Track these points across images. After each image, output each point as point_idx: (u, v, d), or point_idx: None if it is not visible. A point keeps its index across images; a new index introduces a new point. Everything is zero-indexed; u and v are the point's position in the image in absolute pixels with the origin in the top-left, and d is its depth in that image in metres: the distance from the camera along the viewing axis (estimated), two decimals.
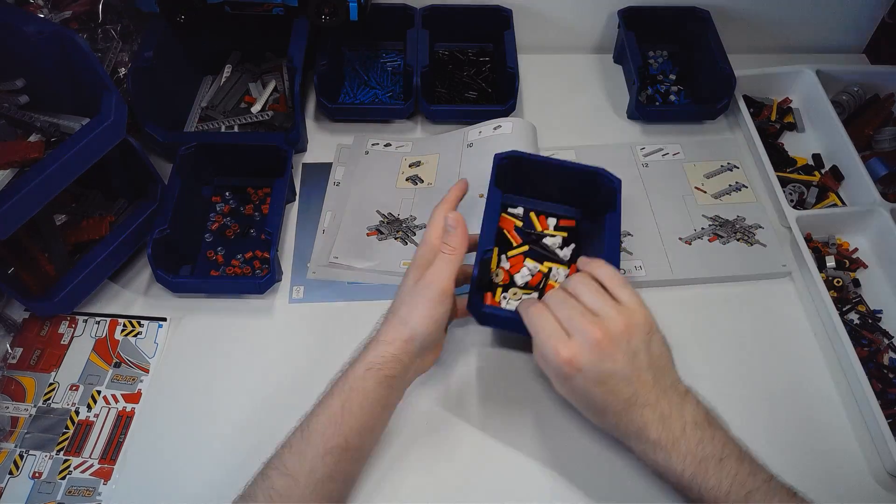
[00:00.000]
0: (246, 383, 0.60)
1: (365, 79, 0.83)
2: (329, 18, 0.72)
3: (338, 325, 0.64)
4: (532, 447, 0.56)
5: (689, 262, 0.67)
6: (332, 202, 0.73)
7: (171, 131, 0.72)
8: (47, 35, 0.56)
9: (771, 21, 0.87)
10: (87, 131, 0.55)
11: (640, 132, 0.80)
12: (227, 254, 0.68)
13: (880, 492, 0.55)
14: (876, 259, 0.69)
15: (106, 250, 0.62)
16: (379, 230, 0.70)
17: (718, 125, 0.81)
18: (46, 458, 0.56)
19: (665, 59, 0.87)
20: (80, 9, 0.70)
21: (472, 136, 0.75)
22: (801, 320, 0.65)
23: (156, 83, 0.71)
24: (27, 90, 0.61)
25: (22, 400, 0.59)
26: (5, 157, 0.56)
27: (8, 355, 0.61)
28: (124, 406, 0.59)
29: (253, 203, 0.72)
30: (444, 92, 0.82)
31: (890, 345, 0.64)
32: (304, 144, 0.77)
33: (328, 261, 0.67)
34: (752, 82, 0.81)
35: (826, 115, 0.77)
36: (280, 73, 0.82)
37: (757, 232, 0.70)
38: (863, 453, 0.57)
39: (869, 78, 0.81)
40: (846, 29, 0.89)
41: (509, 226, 0.63)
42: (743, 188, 0.74)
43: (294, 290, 0.66)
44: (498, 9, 0.83)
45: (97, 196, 0.69)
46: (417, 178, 0.74)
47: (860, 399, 0.58)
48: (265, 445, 0.56)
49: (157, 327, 0.63)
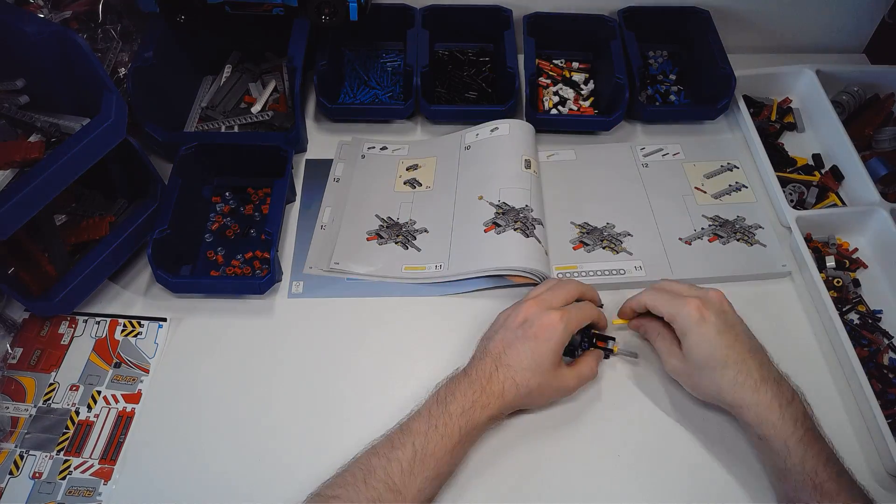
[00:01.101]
0: (246, 383, 0.60)
1: (365, 79, 0.83)
2: (329, 18, 0.71)
3: (337, 321, 0.64)
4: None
5: (689, 262, 0.67)
6: (332, 198, 0.73)
7: (171, 131, 0.72)
8: (47, 35, 0.56)
9: (771, 21, 0.87)
10: (88, 131, 0.55)
11: (640, 132, 0.80)
12: (227, 254, 0.68)
13: (880, 492, 0.55)
14: (876, 259, 0.69)
15: (106, 250, 0.62)
16: (378, 234, 0.70)
17: (718, 125, 0.81)
18: (46, 459, 0.56)
19: (665, 59, 0.87)
20: (80, 9, 0.70)
21: (469, 139, 0.75)
22: (801, 320, 0.65)
23: (156, 83, 0.71)
24: (27, 90, 0.61)
25: (22, 400, 0.59)
26: (5, 157, 0.56)
27: (8, 355, 0.61)
28: (124, 406, 0.59)
29: (253, 203, 0.72)
30: (443, 92, 0.82)
31: (890, 345, 0.64)
32: (304, 144, 0.77)
33: (329, 266, 0.67)
34: (752, 82, 0.81)
35: (826, 115, 0.77)
36: (280, 73, 0.82)
37: (757, 232, 0.70)
38: (863, 453, 0.57)
39: (869, 78, 0.81)
40: (846, 29, 0.89)
41: (546, 66, 0.82)
42: (743, 188, 0.74)
43: (293, 285, 0.66)
44: (498, 9, 0.83)
45: (97, 196, 0.69)
46: (416, 182, 0.74)
47: (860, 399, 0.58)
48: (265, 445, 0.57)
49: (157, 327, 0.63)
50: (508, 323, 0.55)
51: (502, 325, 0.56)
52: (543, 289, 0.58)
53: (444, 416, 0.51)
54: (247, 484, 0.54)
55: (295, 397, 0.59)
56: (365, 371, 0.61)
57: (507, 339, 0.54)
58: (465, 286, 0.65)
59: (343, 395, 0.59)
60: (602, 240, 0.69)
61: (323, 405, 0.59)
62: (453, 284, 0.65)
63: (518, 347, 0.53)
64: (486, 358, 0.54)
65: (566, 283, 0.58)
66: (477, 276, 0.64)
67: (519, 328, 0.54)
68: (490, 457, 0.56)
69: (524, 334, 0.53)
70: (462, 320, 0.63)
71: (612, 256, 0.68)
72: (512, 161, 0.71)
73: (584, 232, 0.70)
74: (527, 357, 0.53)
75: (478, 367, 0.54)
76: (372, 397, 0.59)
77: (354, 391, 0.60)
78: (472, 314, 0.64)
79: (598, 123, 0.79)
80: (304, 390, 0.60)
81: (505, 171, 0.70)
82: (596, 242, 0.69)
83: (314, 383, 0.60)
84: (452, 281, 0.65)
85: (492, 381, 0.53)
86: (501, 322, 0.57)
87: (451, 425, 0.50)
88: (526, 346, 0.53)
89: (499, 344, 0.54)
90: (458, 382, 0.53)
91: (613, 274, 0.66)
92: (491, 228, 0.66)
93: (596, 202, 0.72)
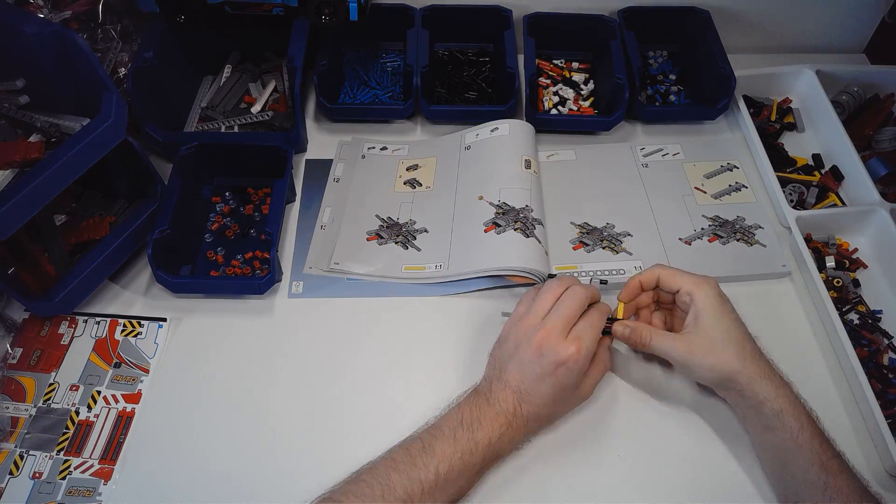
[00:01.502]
0: (246, 383, 0.60)
1: (365, 79, 0.83)
2: (329, 18, 0.72)
3: (337, 321, 0.64)
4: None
5: (689, 262, 0.67)
6: (332, 198, 0.73)
7: (171, 131, 0.72)
8: (47, 35, 0.56)
9: (771, 21, 0.87)
10: (88, 131, 0.55)
11: (640, 132, 0.80)
12: (227, 254, 0.68)
13: (880, 492, 0.55)
14: (876, 259, 0.69)
15: (106, 250, 0.61)
16: (379, 235, 0.70)
17: (718, 125, 0.81)
18: (46, 459, 0.56)
19: (665, 59, 0.87)
20: (80, 9, 0.70)
21: (469, 139, 0.75)
22: (800, 320, 0.65)
23: (156, 83, 0.71)
24: (27, 90, 0.61)
25: (22, 400, 0.59)
26: (5, 157, 0.56)
27: (8, 355, 0.61)
28: (124, 406, 0.59)
29: (253, 203, 0.72)
30: (443, 92, 0.82)
31: (890, 345, 0.64)
32: (304, 144, 0.77)
33: (329, 266, 0.67)
34: (752, 82, 0.81)
35: (826, 115, 0.77)
36: (280, 73, 0.82)
37: (757, 232, 0.70)
38: (863, 453, 0.57)
39: (869, 78, 0.81)
40: (846, 29, 0.89)
41: (546, 66, 0.83)
42: (743, 188, 0.74)
43: (293, 285, 0.66)
44: (498, 9, 0.83)
45: (97, 196, 0.69)
46: (416, 182, 0.74)
47: (860, 399, 0.58)
48: (265, 445, 0.57)
49: (157, 327, 0.63)
50: (522, 353, 0.53)
51: (515, 352, 0.53)
52: (548, 304, 0.55)
53: (470, 444, 0.50)
54: (247, 484, 0.54)
55: (295, 397, 0.59)
56: (365, 371, 0.61)
57: (524, 373, 0.52)
58: (465, 286, 0.65)
59: (343, 395, 0.59)
60: (602, 240, 0.69)
61: (323, 405, 0.59)
62: (453, 284, 0.65)
63: (539, 385, 0.52)
64: (506, 389, 0.52)
65: (572, 298, 0.54)
66: (477, 276, 0.64)
67: (535, 361, 0.52)
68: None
69: (542, 371, 0.51)
70: (462, 320, 0.63)
71: (612, 256, 0.68)
72: (512, 161, 0.71)
73: (583, 232, 0.70)
74: (549, 393, 0.52)
75: (500, 398, 0.52)
76: (372, 397, 0.59)
77: (354, 391, 0.59)
78: (472, 314, 0.64)
79: (598, 123, 0.79)
80: (303, 390, 0.60)
81: (505, 171, 0.70)
82: (596, 242, 0.69)
83: (314, 383, 0.60)
84: (452, 281, 0.65)
85: (517, 416, 0.52)
86: (513, 346, 0.54)
87: (476, 454, 0.50)
88: (547, 383, 0.51)
89: (516, 375, 0.53)
90: (482, 409, 0.52)
91: (613, 274, 0.66)
92: (491, 228, 0.66)
93: (596, 202, 0.72)
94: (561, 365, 0.51)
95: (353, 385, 0.60)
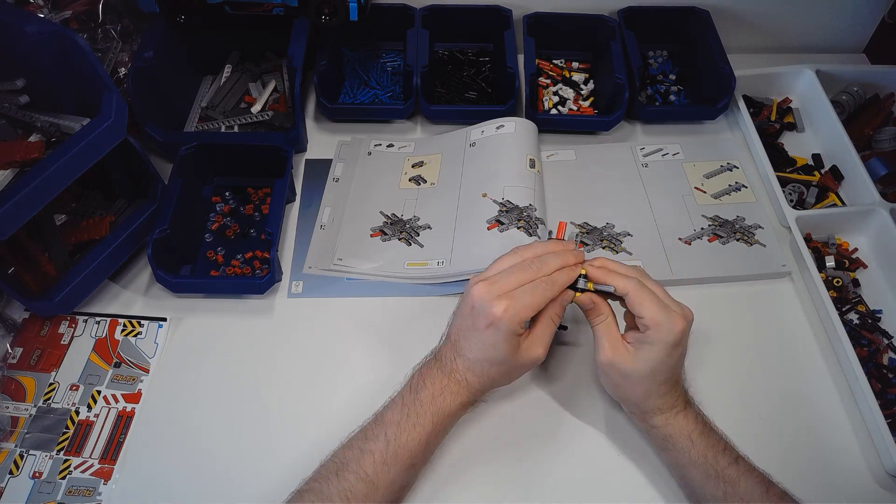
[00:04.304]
0: (245, 383, 0.60)
1: (365, 79, 0.84)
2: (329, 18, 0.72)
3: (337, 321, 0.64)
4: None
5: (689, 262, 0.67)
6: (331, 198, 0.73)
7: (171, 131, 0.72)
8: (47, 35, 0.56)
9: (771, 21, 0.87)
10: (88, 131, 0.55)
11: (640, 132, 0.80)
12: (227, 254, 0.68)
13: (880, 492, 0.55)
14: (876, 259, 0.69)
15: (106, 250, 0.62)
16: (382, 231, 0.70)
17: (718, 125, 0.81)
18: (46, 458, 0.56)
19: (665, 59, 0.87)
20: (80, 9, 0.70)
21: (474, 136, 0.75)
22: (800, 320, 0.65)
23: (156, 83, 0.71)
24: (27, 90, 0.61)
25: (22, 400, 0.59)
26: (5, 157, 0.56)
27: (8, 355, 0.61)
28: (124, 406, 0.59)
29: (253, 203, 0.72)
30: (443, 92, 0.82)
31: (889, 345, 0.64)
32: (304, 144, 0.77)
33: (332, 262, 0.67)
34: (752, 82, 0.81)
35: (826, 115, 0.77)
36: (280, 73, 0.82)
37: (756, 232, 0.70)
38: (863, 453, 0.57)
39: (869, 78, 0.81)
40: (846, 29, 0.89)
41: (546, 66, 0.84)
42: (742, 188, 0.74)
43: (293, 285, 0.66)
44: (498, 9, 0.83)
45: (97, 196, 0.69)
46: (420, 179, 0.74)
47: (860, 399, 0.58)
48: (265, 444, 0.57)
49: (157, 327, 0.63)
50: (462, 306, 0.52)
51: (458, 306, 0.53)
52: (504, 264, 0.52)
53: (415, 405, 0.50)
54: (246, 483, 0.54)
55: (294, 397, 0.59)
56: (364, 370, 0.61)
57: (460, 327, 0.52)
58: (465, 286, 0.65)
59: (342, 395, 0.59)
60: (602, 240, 0.69)
61: (322, 405, 0.59)
62: (454, 284, 0.65)
63: (470, 339, 0.51)
64: (447, 344, 0.53)
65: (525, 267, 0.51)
66: None
67: (469, 316, 0.51)
68: (489, 455, 0.56)
69: (473, 324, 0.50)
70: None
71: (612, 256, 0.68)
72: (516, 160, 0.71)
73: (583, 232, 0.70)
74: (478, 349, 0.50)
75: (444, 354, 0.53)
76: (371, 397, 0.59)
77: (354, 391, 0.59)
78: None
79: (598, 123, 0.79)
80: (303, 390, 0.60)
81: (509, 170, 0.70)
82: (596, 242, 0.69)
83: (314, 383, 0.60)
84: (453, 281, 0.65)
85: (454, 370, 0.52)
86: (461, 300, 0.53)
87: (423, 414, 0.50)
88: (476, 338, 0.50)
89: (455, 330, 0.52)
90: (430, 368, 0.52)
91: None
92: (494, 226, 0.66)
93: (596, 202, 0.72)
94: (490, 325, 0.49)
95: (353, 384, 0.60)
